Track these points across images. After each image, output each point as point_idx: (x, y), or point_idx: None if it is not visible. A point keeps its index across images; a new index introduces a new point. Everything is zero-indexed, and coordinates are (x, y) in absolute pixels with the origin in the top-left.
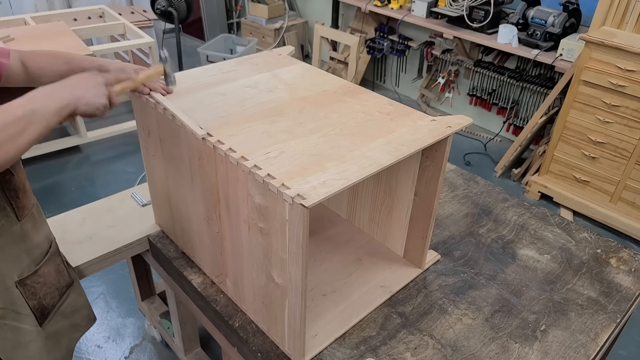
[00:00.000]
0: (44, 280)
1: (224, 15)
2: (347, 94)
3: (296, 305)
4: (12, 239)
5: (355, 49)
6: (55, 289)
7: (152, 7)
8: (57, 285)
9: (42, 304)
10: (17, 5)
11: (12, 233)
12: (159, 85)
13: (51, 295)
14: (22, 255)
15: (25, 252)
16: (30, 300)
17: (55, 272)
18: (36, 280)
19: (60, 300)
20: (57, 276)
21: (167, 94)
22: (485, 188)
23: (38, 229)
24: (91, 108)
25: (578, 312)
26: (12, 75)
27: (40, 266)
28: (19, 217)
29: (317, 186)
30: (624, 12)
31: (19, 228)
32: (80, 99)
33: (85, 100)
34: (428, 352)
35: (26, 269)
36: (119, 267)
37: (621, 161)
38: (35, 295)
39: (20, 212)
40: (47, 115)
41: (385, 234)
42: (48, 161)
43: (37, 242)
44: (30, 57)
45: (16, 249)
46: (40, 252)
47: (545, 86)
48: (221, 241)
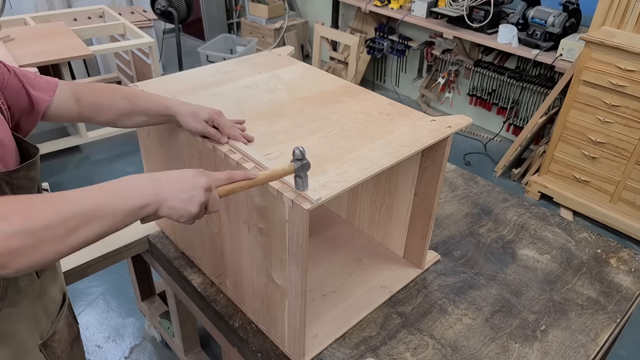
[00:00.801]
0: (59, 337)
1: (224, 15)
2: (346, 94)
3: (296, 305)
4: (32, 298)
5: (355, 49)
6: (67, 343)
7: (152, 7)
8: (69, 339)
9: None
10: (17, 5)
11: (32, 292)
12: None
13: (66, 352)
14: (40, 314)
15: (42, 309)
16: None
17: (66, 326)
18: (54, 339)
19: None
20: (69, 330)
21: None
22: (485, 188)
23: (55, 282)
24: (175, 213)
25: (578, 312)
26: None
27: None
28: (39, 273)
29: (317, 188)
30: (624, 12)
31: (38, 284)
32: (165, 201)
33: (171, 202)
34: (428, 352)
35: (45, 328)
36: (119, 267)
37: (621, 161)
38: (55, 355)
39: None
40: (116, 214)
41: (385, 234)
42: (48, 161)
43: (52, 296)
44: (85, 93)
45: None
46: (55, 306)
47: (545, 86)
48: (221, 241)
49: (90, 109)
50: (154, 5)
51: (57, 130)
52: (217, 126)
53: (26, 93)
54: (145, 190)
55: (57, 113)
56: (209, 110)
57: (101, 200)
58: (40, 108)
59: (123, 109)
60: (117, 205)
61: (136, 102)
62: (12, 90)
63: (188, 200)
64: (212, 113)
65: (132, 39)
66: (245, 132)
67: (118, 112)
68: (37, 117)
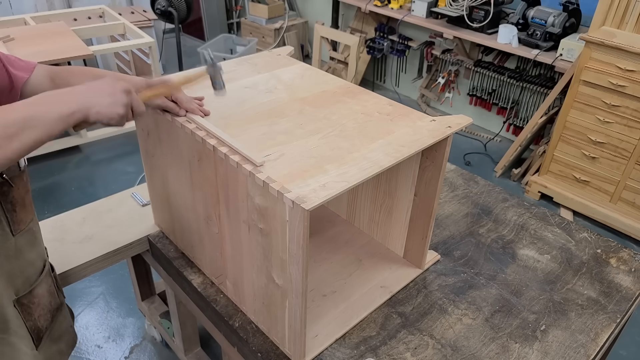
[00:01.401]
0: (38, 301)
1: (224, 15)
2: (346, 94)
3: (296, 306)
4: (6, 254)
5: (355, 49)
6: (47, 311)
7: (152, 7)
8: (49, 307)
9: (37, 326)
10: (17, 5)
11: (6, 248)
12: (196, 105)
13: (45, 317)
14: (16, 273)
15: (19, 269)
16: (27, 320)
17: (47, 293)
18: (32, 301)
19: (52, 323)
20: (50, 298)
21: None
22: (485, 188)
23: (33, 247)
24: (104, 117)
25: (578, 312)
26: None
27: (34, 286)
28: (14, 231)
29: (317, 189)
30: (624, 12)
31: (13, 243)
32: (91, 107)
33: (97, 108)
34: (428, 352)
35: (21, 288)
36: (119, 267)
37: (621, 161)
38: (32, 316)
39: (15, 226)
40: (48, 122)
41: (385, 234)
42: (48, 161)
43: (30, 261)
44: (60, 74)
45: (10, 265)
46: (34, 271)
47: (545, 86)
48: (221, 242)
49: None
50: (154, 5)
51: None
52: (176, 100)
53: (6, 72)
54: (71, 99)
55: (34, 91)
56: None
57: (33, 110)
58: (19, 85)
59: None
60: (47, 114)
61: None
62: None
63: (113, 104)
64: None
65: (132, 39)
66: (203, 108)
67: None
68: (17, 95)
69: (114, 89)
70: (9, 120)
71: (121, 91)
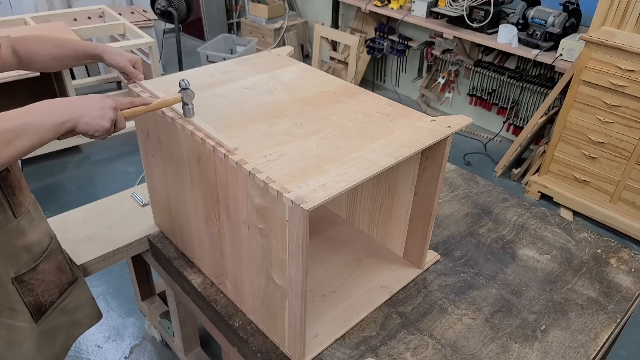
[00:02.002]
0: (42, 277)
1: (224, 15)
2: (346, 94)
3: (296, 306)
4: (8, 235)
5: (355, 49)
6: (55, 285)
7: (152, 7)
8: (58, 282)
9: (39, 301)
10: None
11: (8, 230)
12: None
13: (50, 292)
14: (21, 252)
15: (24, 249)
16: (27, 296)
17: (56, 269)
18: (34, 277)
19: (61, 297)
20: (58, 273)
21: None
22: (485, 188)
23: (35, 226)
24: (91, 128)
25: (578, 312)
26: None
27: (38, 262)
28: (16, 213)
29: (317, 189)
30: (624, 12)
31: (15, 225)
32: (81, 118)
33: (86, 119)
34: (428, 352)
35: (24, 266)
36: (119, 267)
37: (621, 161)
38: (33, 292)
39: (17, 208)
40: (42, 129)
41: (385, 234)
42: (48, 161)
43: (35, 239)
44: (20, 43)
45: (13, 245)
46: (40, 249)
47: (545, 86)
48: (221, 242)
49: (27, 58)
50: (154, 5)
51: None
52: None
53: None
54: (64, 109)
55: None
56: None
57: (28, 119)
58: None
59: (53, 54)
60: (42, 122)
61: (65, 47)
62: None
63: (101, 117)
64: (134, 56)
65: (132, 39)
66: None
67: (50, 57)
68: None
69: (104, 103)
70: (7, 127)
71: (110, 107)
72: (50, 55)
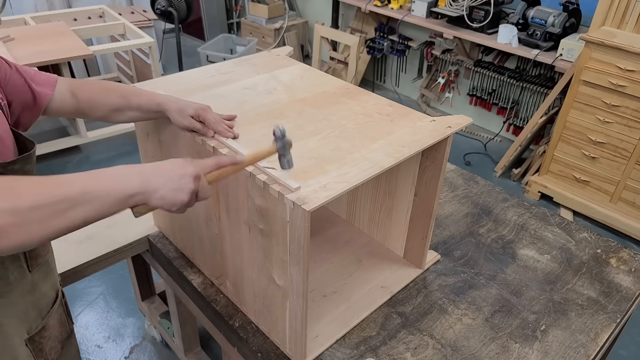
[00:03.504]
0: (49, 334)
1: (224, 15)
2: (346, 95)
3: (297, 306)
4: (21, 292)
5: (355, 49)
6: (58, 341)
7: (152, 7)
8: (60, 337)
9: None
10: (17, 5)
11: (22, 285)
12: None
13: (55, 349)
14: (30, 309)
15: (33, 304)
16: (39, 357)
17: (58, 323)
18: (43, 335)
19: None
20: (60, 328)
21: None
22: (485, 188)
23: (47, 279)
24: (167, 203)
25: (578, 312)
26: (59, 106)
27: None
28: (30, 267)
29: (318, 190)
30: (624, 12)
31: (29, 280)
32: (155, 192)
33: (161, 192)
34: (428, 352)
35: (34, 324)
36: (119, 267)
37: (621, 161)
38: (42, 352)
39: (32, 261)
40: (104, 200)
41: (385, 234)
42: (48, 161)
43: (44, 292)
44: (81, 88)
45: (25, 302)
46: (47, 302)
47: (545, 86)
48: (221, 243)
49: (87, 105)
50: (154, 5)
51: (57, 130)
52: (204, 121)
53: (29, 88)
54: (134, 180)
55: (57, 107)
56: (196, 106)
57: (90, 185)
58: (43, 102)
59: (117, 105)
60: (105, 192)
61: (129, 99)
62: (14, 86)
63: (178, 190)
64: (198, 109)
65: (132, 39)
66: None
67: (112, 107)
68: (39, 111)
69: (184, 174)
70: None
71: (191, 176)
72: (113, 107)
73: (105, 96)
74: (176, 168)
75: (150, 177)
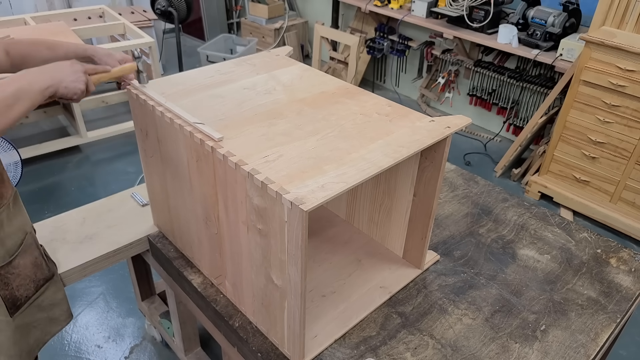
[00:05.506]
0: (18, 272)
1: (224, 15)
2: (345, 95)
3: (295, 306)
4: None
5: (355, 49)
6: (30, 280)
7: (152, 7)
8: (34, 277)
9: (15, 295)
10: (17, 5)
11: None
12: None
13: (26, 287)
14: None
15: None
16: (2, 290)
17: (32, 264)
18: (10, 271)
19: (37, 293)
20: (34, 269)
21: None
22: (485, 188)
23: (12, 220)
24: (70, 92)
25: (578, 312)
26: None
27: (14, 257)
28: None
29: (316, 190)
30: (624, 12)
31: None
32: (60, 82)
33: (65, 83)
34: (428, 352)
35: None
36: (119, 267)
37: (621, 161)
38: (8, 286)
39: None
40: (32, 94)
41: (384, 234)
42: (48, 161)
43: (9, 232)
44: (13, 46)
45: None
46: (13, 243)
47: (545, 86)
48: (220, 242)
49: (20, 60)
50: (154, 5)
51: (57, 130)
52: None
53: None
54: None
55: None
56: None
57: (22, 85)
58: None
59: (46, 57)
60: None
61: (57, 50)
62: None
63: (76, 80)
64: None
65: (132, 39)
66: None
67: (42, 60)
68: None
69: (75, 68)
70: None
71: (82, 72)
72: (42, 59)
73: (35, 50)
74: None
75: (54, 73)
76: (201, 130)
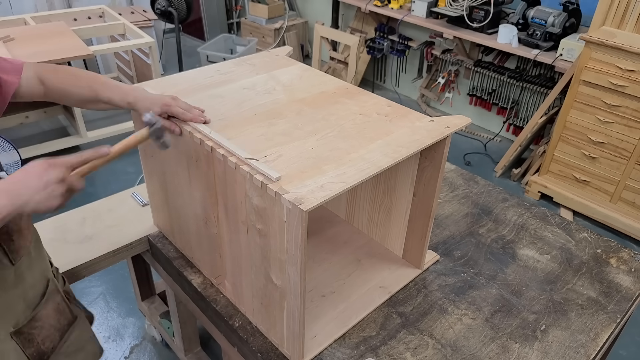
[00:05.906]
0: (41, 324)
1: (224, 15)
2: (345, 95)
3: (295, 306)
4: (5, 285)
5: (355, 49)
6: (55, 330)
7: (152, 7)
8: (58, 325)
9: (41, 350)
10: (17, 5)
11: (3, 280)
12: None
13: (51, 338)
14: (17, 302)
15: (20, 297)
16: (28, 349)
17: (54, 311)
18: (34, 326)
19: (62, 340)
20: (57, 316)
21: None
22: (485, 188)
23: (33, 268)
24: (41, 211)
25: (578, 312)
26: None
27: (37, 310)
28: (13, 260)
29: (315, 190)
30: (624, 12)
31: (12, 272)
32: (26, 204)
33: (32, 205)
34: (428, 352)
35: (22, 316)
36: (119, 267)
37: (621, 161)
38: (33, 342)
39: (14, 255)
40: None
41: (384, 234)
42: None
43: (31, 283)
44: (50, 75)
45: (10, 295)
46: (35, 293)
47: (545, 86)
48: (219, 242)
49: (56, 93)
50: (154, 5)
51: (57, 130)
52: (173, 115)
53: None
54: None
55: (24, 94)
56: (162, 102)
57: None
58: (10, 91)
59: (87, 97)
60: None
61: (99, 93)
62: None
63: (47, 197)
64: (163, 105)
65: (132, 39)
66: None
67: (82, 98)
68: (5, 102)
69: (47, 181)
70: None
71: (54, 182)
72: (84, 98)
73: (75, 86)
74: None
75: (16, 194)
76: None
